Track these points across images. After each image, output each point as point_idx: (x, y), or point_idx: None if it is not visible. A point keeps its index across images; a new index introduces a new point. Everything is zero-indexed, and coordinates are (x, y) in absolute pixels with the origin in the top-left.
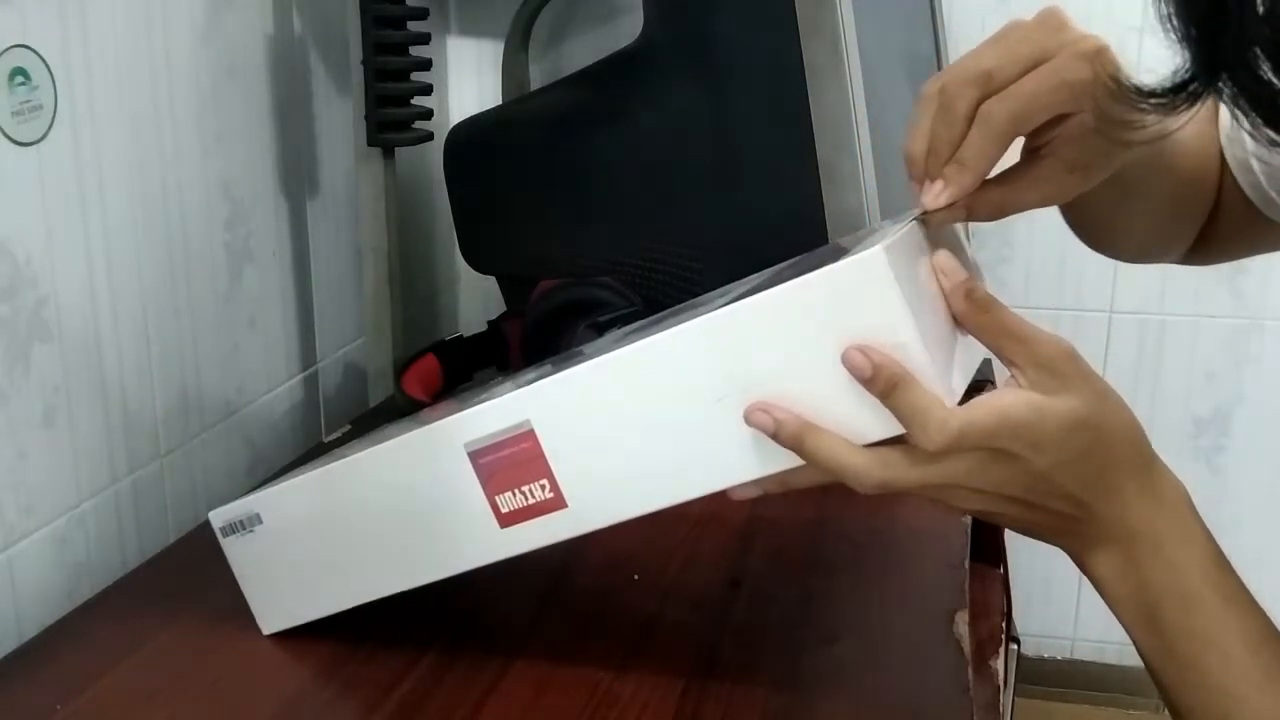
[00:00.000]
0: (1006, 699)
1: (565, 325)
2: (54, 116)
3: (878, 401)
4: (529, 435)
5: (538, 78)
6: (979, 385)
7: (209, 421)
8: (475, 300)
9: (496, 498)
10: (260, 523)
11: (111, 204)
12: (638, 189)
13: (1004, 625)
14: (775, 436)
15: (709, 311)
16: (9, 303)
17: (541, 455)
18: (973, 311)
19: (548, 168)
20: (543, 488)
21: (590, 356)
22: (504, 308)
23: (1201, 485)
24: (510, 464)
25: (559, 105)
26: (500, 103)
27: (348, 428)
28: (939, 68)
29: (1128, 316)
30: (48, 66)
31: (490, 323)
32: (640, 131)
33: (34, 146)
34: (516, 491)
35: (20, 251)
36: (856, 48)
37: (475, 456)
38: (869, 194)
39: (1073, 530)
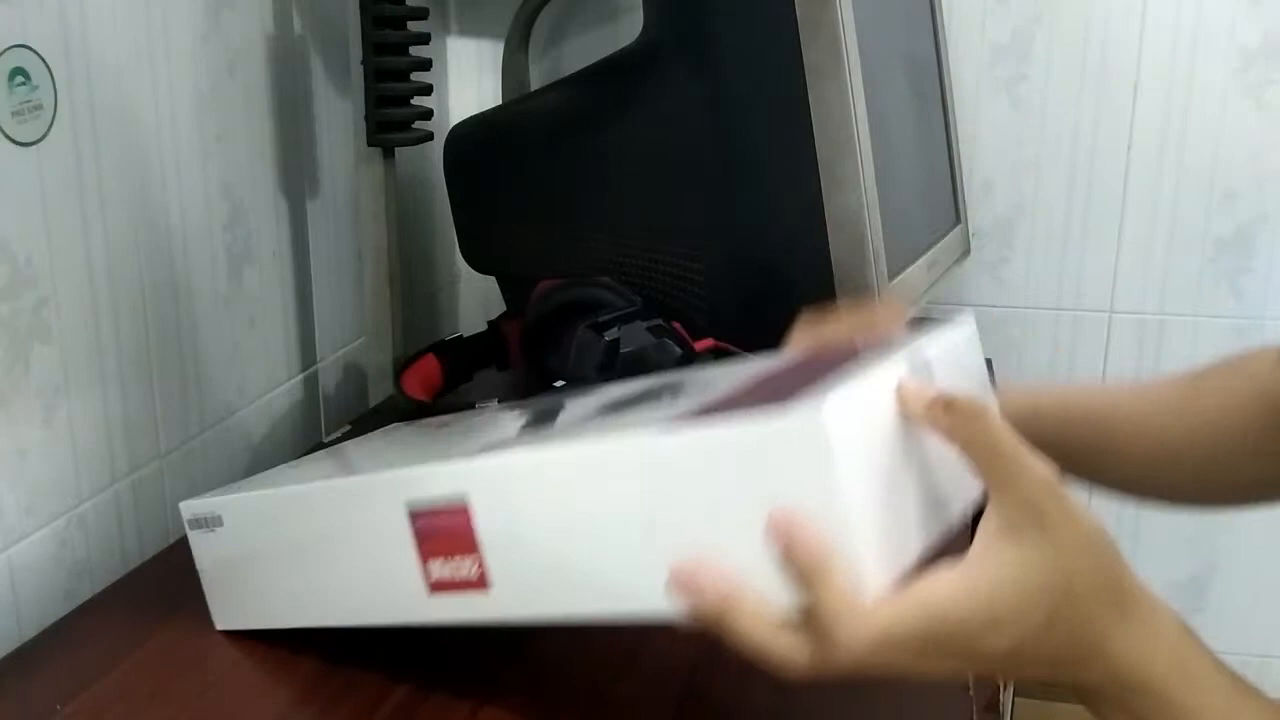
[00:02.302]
0: (1006, 699)
1: (565, 325)
2: (54, 116)
3: None
4: (465, 510)
5: (538, 78)
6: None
7: (209, 421)
8: (475, 300)
9: (429, 563)
10: (221, 525)
11: (111, 204)
12: (637, 189)
13: None
14: (693, 611)
15: (669, 413)
16: (9, 303)
17: (473, 533)
18: (956, 424)
19: (548, 168)
20: (471, 566)
21: (567, 418)
22: (504, 308)
23: None
24: (445, 533)
25: (559, 105)
26: (500, 103)
27: (348, 428)
28: (939, 68)
29: (1128, 316)
30: (48, 66)
31: (490, 323)
32: (640, 131)
33: (34, 146)
34: (447, 562)
35: (20, 251)
36: (856, 48)
37: (415, 516)
38: (869, 194)
39: (1065, 685)
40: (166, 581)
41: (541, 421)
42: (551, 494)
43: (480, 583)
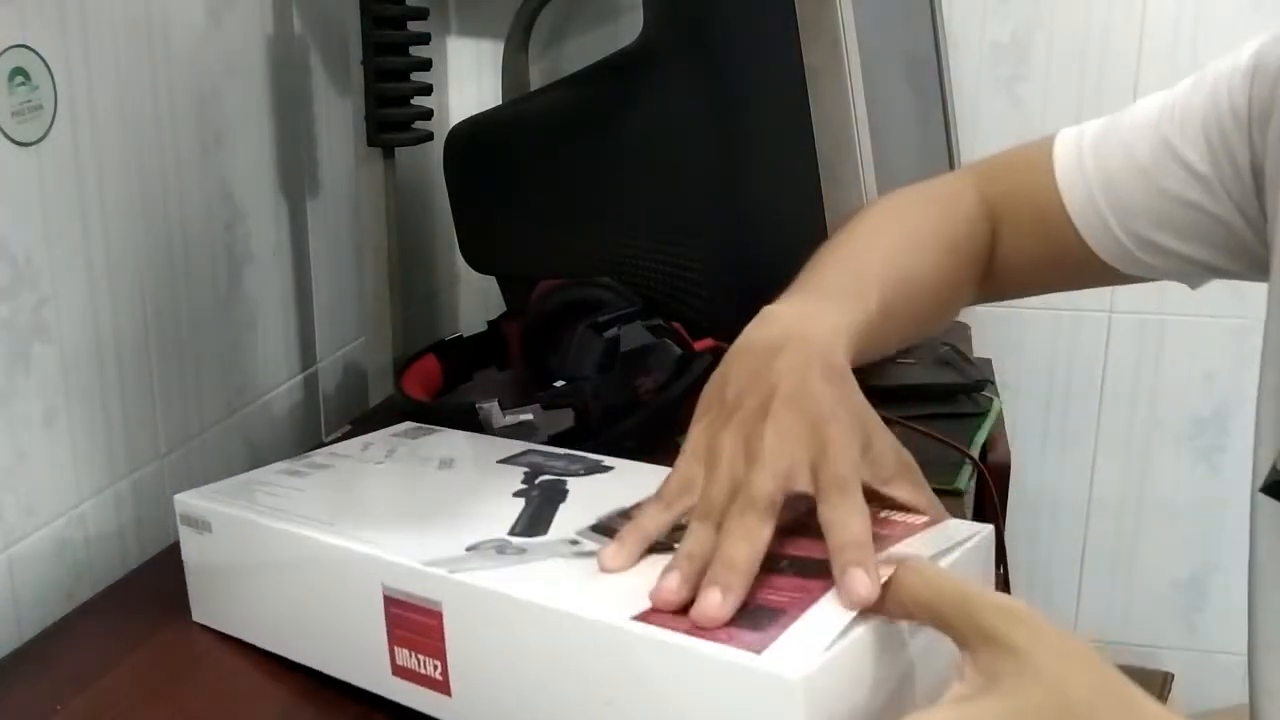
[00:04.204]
0: None
1: (565, 325)
2: (54, 116)
3: None
4: (437, 615)
5: (538, 78)
6: (979, 384)
7: (209, 421)
8: (475, 300)
9: (396, 648)
10: (210, 531)
11: (111, 204)
12: (637, 189)
13: None
14: None
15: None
16: (9, 303)
17: (442, 638)
18: (898, 594)
19: (548, 168)
20: (435, 667)
21: (561, 528)
22: (504, 308)
23: (1201, 485)
24: (415, 628)
25: (559, 105)
26: (500, 103)
27: (348, 428)
28: (939, 68)
29: (1128, 316)
30: (48, 66)
31: (490, 323)
32: (640, 131)
33: (34, 146)
34: (413, 654)
35: (20, 251)
36: (856, 48)
37: (389, 602)
38: (869, 194)
39: None
40: (166, 582)
41: (535, 520)
42: (520, 633)
43: (443, 686)
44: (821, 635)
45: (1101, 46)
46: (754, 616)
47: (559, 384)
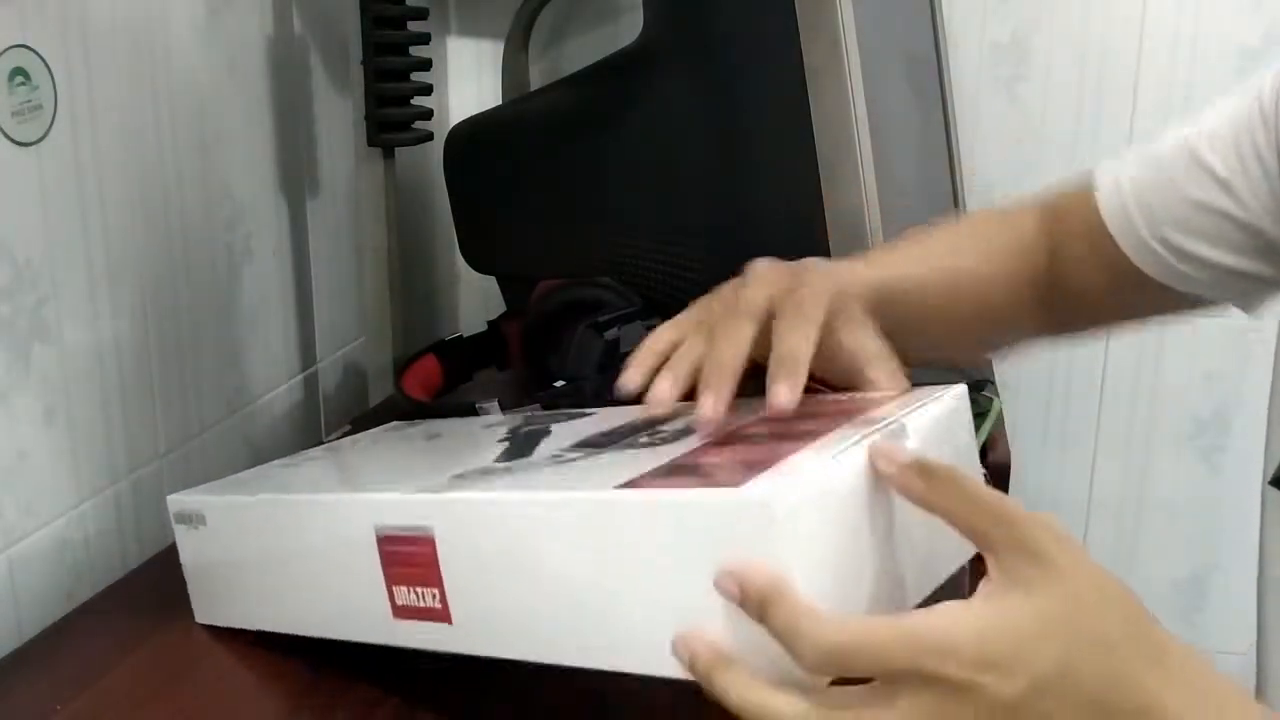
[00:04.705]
0: None
1: (565, 325)
2: (54, 116)
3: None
4: (429, 542)
5: (538, 78)
6: (979, 384)
7: (209, 421)
8: (475, 300)
9: (394, 587)
10: (205, 524)
11: (111, 204)
12: (637, 189)
13: None
14: (690, 668)
15: (633, 466)
16: (9, 303)
17: (436, 565)
18: (933, 489)
19: (548, 168)
20: (433, 596)
21: (545, 450)
22: (504, 308)
23: (1201, 485)
24: (410, 561)
25: (559, 105)
26: (500, 103)
27: (348, 428)
28: (939, 67)
29: None
30: (48, 66)
31: (490, 323)
32: (640, 131)
33: (34, 146)
34: (411, 589)
35: (20, 252)
36: (856, 48)
37: (382, 541)
38: (869, 194)
39: None
40: (166, 582)
41: (519, 452)
42: (509, 537)
43: (443, 615)
44: (802, 476)
45: (1101, 46)
46: (733, 470)
47: (559, 384)
